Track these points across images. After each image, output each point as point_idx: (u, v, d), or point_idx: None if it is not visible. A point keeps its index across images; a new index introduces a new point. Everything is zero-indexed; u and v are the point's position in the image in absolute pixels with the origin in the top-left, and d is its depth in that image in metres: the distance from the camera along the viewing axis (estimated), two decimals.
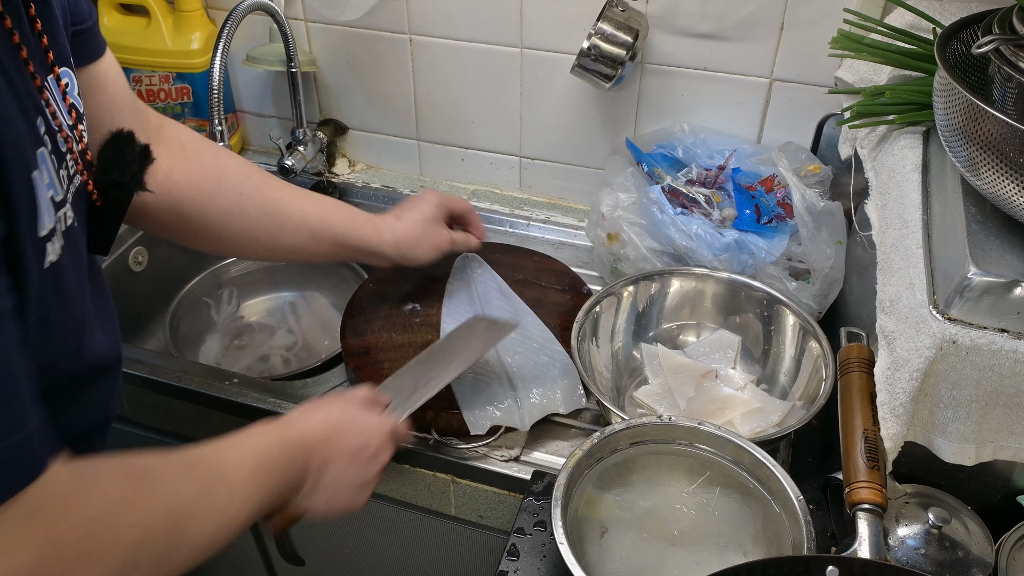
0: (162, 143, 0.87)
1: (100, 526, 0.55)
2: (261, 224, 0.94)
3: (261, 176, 0.96)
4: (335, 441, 0.78)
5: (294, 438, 0.75)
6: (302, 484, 0.76)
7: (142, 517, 0.58)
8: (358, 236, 1.01)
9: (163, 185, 0.85)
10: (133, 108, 0.83)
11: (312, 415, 0.79)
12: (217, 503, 0.65)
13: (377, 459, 0.82)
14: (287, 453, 0.74)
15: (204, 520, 0.64)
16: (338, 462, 0.78)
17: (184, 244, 0.96)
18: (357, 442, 0.79)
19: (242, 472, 0.68)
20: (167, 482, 0.62)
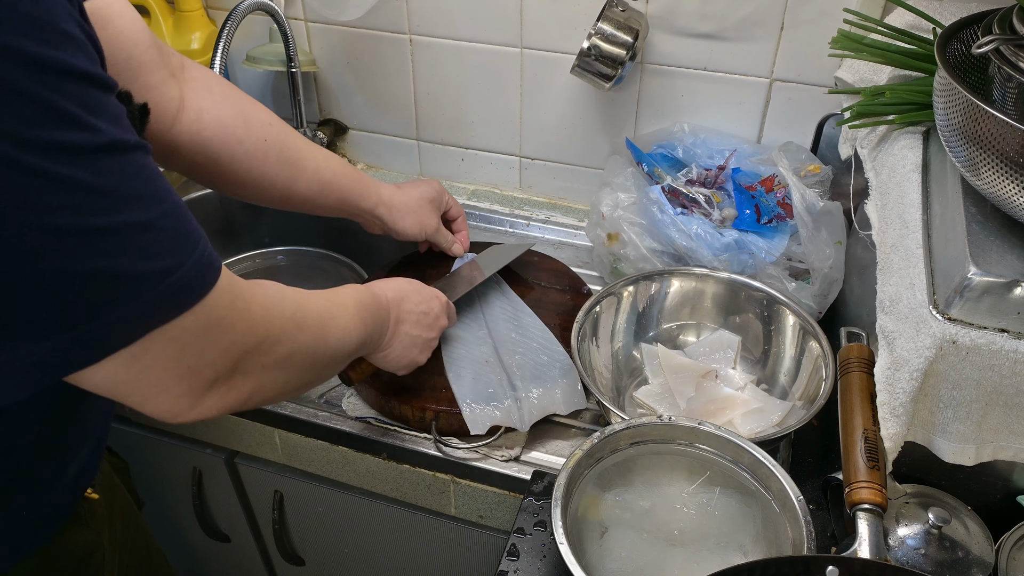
0: (187, 83, 0.89)
1: (271, 312, 0.66)
2: (280, 171, 0.98)
3: (280, 123, 0.99)
4: (405, 303, 0.92)
5: (378, 293, 0.88)
6: (384, 334, 0.88)
7: (298, 311, 0.70)
8: (361, 193, 1.07)
9: (194, 124, 0.89)
10: (151, 43, 0.83)
11: (387, 283, 0.92)
12: (342, 319, 0.77)
13: (437, 322, 0.96)
14: (374, 302, 0.86)
15: (336, 327, 0.76)
16: (408, 320, 0.91)
17: (209, 186, 0.99)
18: (423, 306, 0.94)
19: (350, 304, 0.81)
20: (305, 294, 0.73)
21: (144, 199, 0.53)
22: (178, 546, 1.39)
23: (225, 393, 0.63)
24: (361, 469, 1.05)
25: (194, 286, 0.56)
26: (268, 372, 0.66)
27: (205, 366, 0.60)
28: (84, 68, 0.49)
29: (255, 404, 0.68)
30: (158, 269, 0.53)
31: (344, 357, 0.80)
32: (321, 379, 0.77)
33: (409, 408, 0.98)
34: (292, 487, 1.17)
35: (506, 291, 1.14)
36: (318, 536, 1.24)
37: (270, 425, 1.08)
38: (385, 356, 0.91)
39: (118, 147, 0.51)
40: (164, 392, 0.59)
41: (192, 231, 0.56)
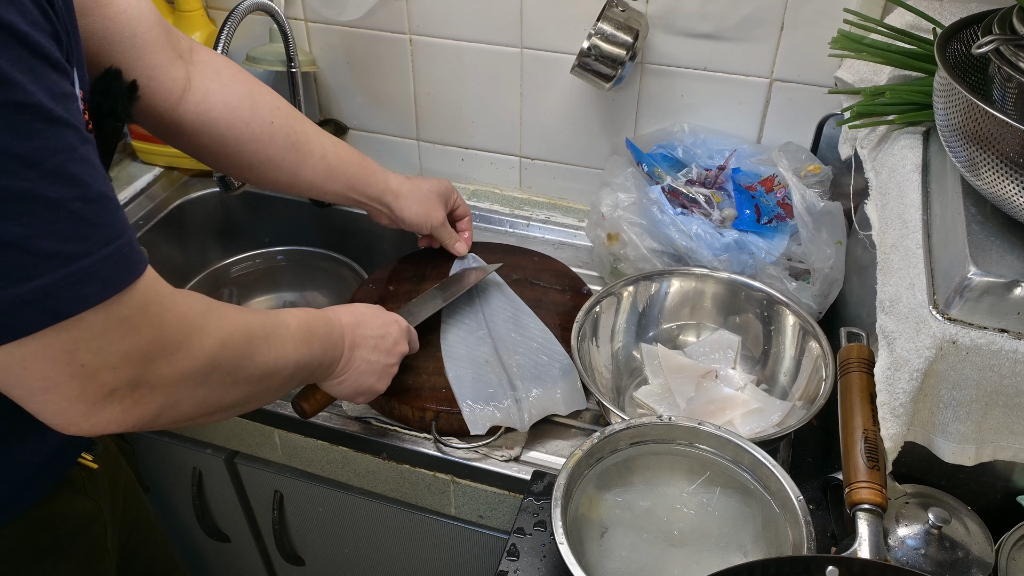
0: (196, 65, 0.90)
1: (192, 324, 0.62)
2: (286, 155, 0.98)
3: (288, 108, 1.00)
4: (362, 328, 0.88)
5: (331, 316, 0.85)
6: (337, 360, 0.85)
7: (222, 325, 0.66)
8: (367, 180, 1.07)
9: (200, 105, 0.90)
10: (156, 22, 0.84)
11: (342, 307, 0.89)
12: (276, 339, 0.73)
13: (396, 348, 0.92)
14: (326, 325, 0.83)
15: (267, 345, 0.71)
16: (365, 345, 0.88)
17: (216, 167, 1.01)
18: (380, 330, 0.90)
19: (293, 324, 0.77)
20: (236, 309, 0.70)
21: (61, 177, 0.50)
22: (178, 546, 1.39)
23: (129, 407, 0.59)
24: (361, 469, 1.05)
25: (100, 280, 0.53)
26: (181, 388, 0.62)
27: (103, 368, 0.55)
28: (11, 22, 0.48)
29: (169, 422, 0.64)
30: (58, 251, 0.51)
31: (281, 381, 0.75)
32: (252, 401, 0.73)
33: (409, 408, 0.98)
34: (292, 487, 1.17)
35: (506, 291, 1.14)
36: (318, 536, 1.24)
37: (270, 425, 1.08)
38: (340, 383, 0.87)
39: (40, 113, 0.49)
40: (52, 391, 0.55)
41: (112, 224, 0.54)
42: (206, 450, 1.18)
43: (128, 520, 0.93)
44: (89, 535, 0.83)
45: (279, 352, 0.73)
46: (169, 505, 1.32)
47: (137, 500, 0.96)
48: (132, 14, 0.80)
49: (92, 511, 0.83)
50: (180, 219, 1.44)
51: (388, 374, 0.92)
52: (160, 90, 0.86)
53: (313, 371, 0.82)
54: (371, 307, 0.92)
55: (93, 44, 0.77)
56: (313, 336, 0.79)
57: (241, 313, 0.70)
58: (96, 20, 0.76)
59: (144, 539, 0.97)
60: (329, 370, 0.85)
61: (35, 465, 0.75)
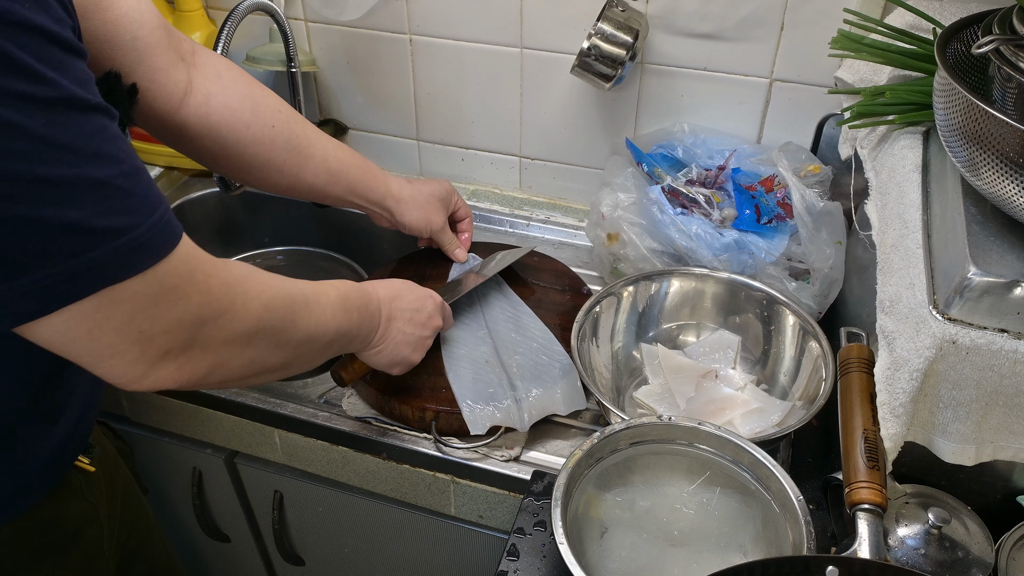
0: (197, 67, 0.90)
1: (234, 289, 0.66)
2: (288, 157, 0.99)
3: (290, 111, 1.00)
4: (398, 301, 0.91)
5: (368, 288, 0.88)
6: (374, 330, 0.88)
7: (264, 290, 0.69)
8: (368, 184, 1.08)
9: (201, 108, 0.90)
10: (158, 25, 0.84)
11: (379, 281, 0.92)
12: (316, 306, 0.76)
13: (431, 321, 0.95)
14: (363, 296, 0.86)
15: (308, 312, 0.75)
16: (401, 318, 0.91)
17: (217, 170, 1.01)
18: (416, 304, 0.93)
19: (332, 293, 0.80)
20: (277, 277, 0.73)
21: (101, 157, 0.54)
22: (178, 546, 1.39)
23: (182, 365, 0.63)
24: (361, 469, 1.05)
25: (149, 249, 0.57)
26: (229, 349, 0.66)
27: (158, 333, 0.60)
28: (41, 23, 0.50)
29: (218, 382, 0.68)
30: (112, 226, 0.54)
31: (321, 346, 0.79)
32: (296, 364, 0.76)
33: (409, 408, 0.98)
34: (292, 487, 1.17)
35: (506, 291, 1.14)
36: (318, 536, 1.24)
37: (270, 425, 1.08)
38: (377, 353, 0.90)
39: (75, 104, 0.53)
40: (116, 356, 0.60)
41: (152, 195, 0.57)
42: (206, 450, 1.18)
43: (127, 522, 0.93)
44: (86, 537, 0.83)
45: (319, 318, 0.76)
46: (169, 505, 1.32)
47: (136, 502, 0.96)
48: (133, 17, 0.80)
49: (89, 513, 0.83)
50: (180, 219, 1.41)
51: (423, 346, 0.95)
52: (161, 93, 0.86)
53: (352, 339, 0.85)
54: (407, 282, 0.95)
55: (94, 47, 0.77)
56: (351, 305, 0.82)
57: (282, 280, 0.73)
58: (97, 23, 0.76)
59: (143, 540, 0.97)
60: (367, 340, 0.88)
61: (32, 469, 0.75)
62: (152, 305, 0.59)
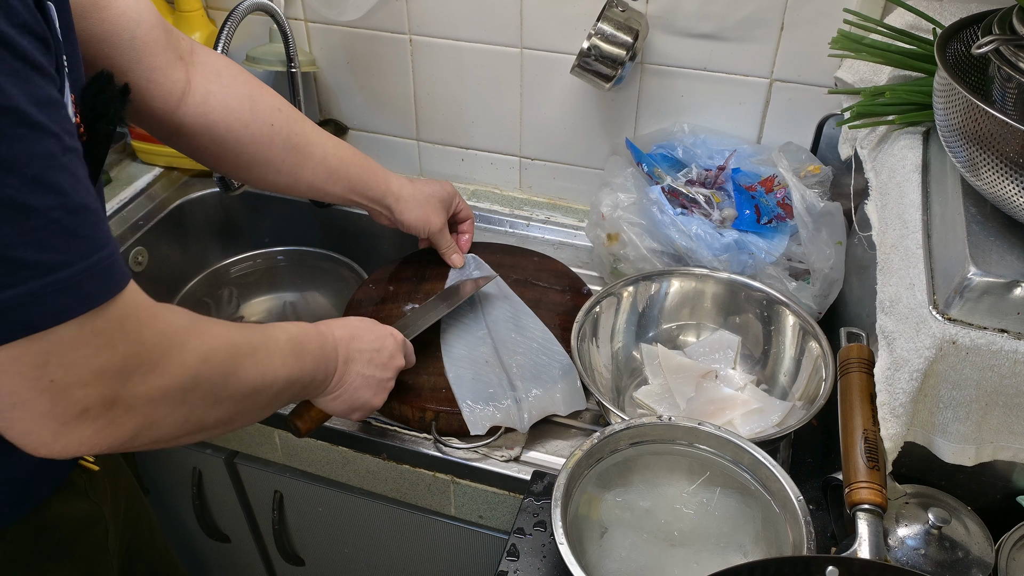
0: (196, 67, 0.90)
1: (172, 340, 0.60)
2: (286, 156, 0.98)
3: (290, 109, 0.99)
4: (356, 341, 0.86)
5: (323, 329, 0.82)
6: (331, 375, 0.82)
7: (204, 341, 0.63)
8: (368, 183, 1.07)
9: (199, 107, 0.90)
10: (156, 24, 0.83)
11: (334, 321, 0.86)
12: (262, 352, 0.70)
13: (392, 362, 0.89)
14: (317, 338, 0.80)
15: (253, 361, 0.69)
16: (359, 359, 0.85)
17: (216, 169, 1.00)
18: (375, 343, 0.88)
19: (282, 338, 0.74)
20: (220, 324, 0.67)
21: (40, 184, 0.49)
22: (178, 546, 1.39)
23: (103, 427, 0.56)
24: (361, 469, 1.05)
25: (78, 294, 0.51)
26: (159, 407, 0.59)
27: (74, 385, 0.53)
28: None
29: (147, 443, 0.61)
30: (36, 261, 0.49)
31: (269, 397, 0.72)
32: (239, 419, 0.70)
33: (409, 408, 0.98)
34: (292, 487, 1.17)
35: (506, 291, 1.14)
36: (318, 536, 1.24)
37: (270, 425, 1.08)
38: (335, 399, 0.85)
39: (22, 119, 0.48)
40: (20, 407, 0.52)
41: (95, 237, 0.52)
42: (206, 450, 1.18)
43: (129, 522, 0.93)
44: (91, 537, 0.83)
45: (266, 367, 0.70)
46: (169, 505, 1.32)
47: (138, 502, 0.96)
48: (131, 16, 0.79)
49: (93, 513, 0.83)
50: (180, 219, 1.44)
51: (384, 388, 0.89)
52: (160, 92, 0.86)
53: (305, 386, 0.79)
54: (365, 320, 0.90)
55: (92, 47, 0.77)
56: (304, 350, 0.77)
57: (226, 328, 0.67)
58: (95, 23, 0.76)
59: (145, 541, 0.97)
60: (323, 385, 0.82)
61: (36, 468, 0.75)
62: (70, 351, 0.52)
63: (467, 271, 1.18)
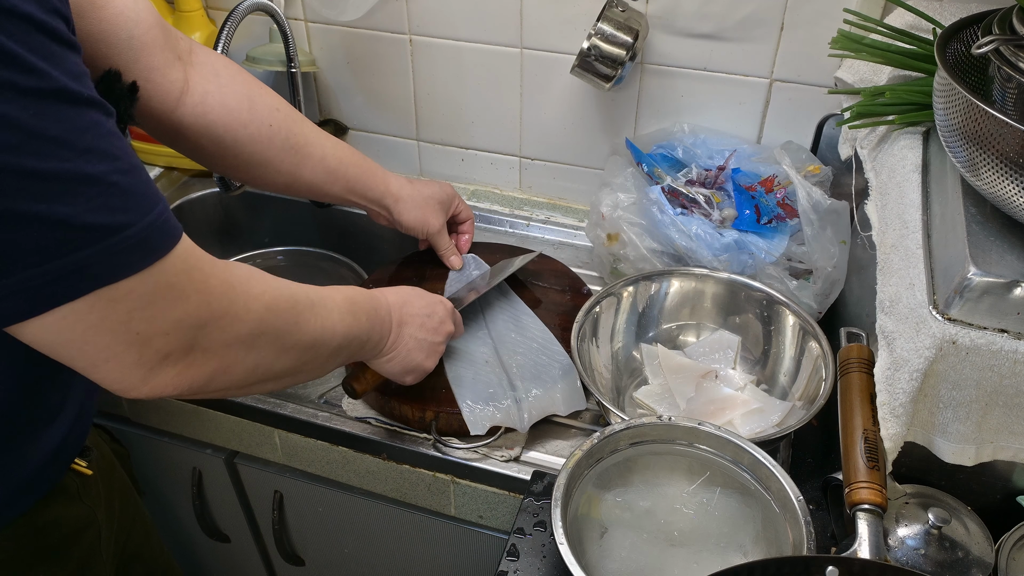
0: (195, 67, 0.90)
1: (235, 290, 0.64)
2: (285, 156, 0.99)
3: (288, 109, 0.99)
4: (408, 306, 0.90)
5: (376, 294, 0.86)
6: (385, 336, 0.86)
7: (266, 291, 0.67)
8: (367, 183, 1.07)
9: (198, 107, 0.90)
10: (155, 23, 0.83)
11: (387, 288, 0.91)
12: (321, 308, 0.74)
13: (442, 327, 0.93)
14: (371, 302, 0.84)
15: (313, 315, 0.72)
16: (412, 323, 0.89)
17: (214, 169, 1.01)
18: (427, 309, 0.92)
19: (338, 298, 0.78)
20: (280, 279, 0.71)
21: (94, 153, 0.52)
22: (178, 546, 1.39)
23: (184, 370, 0.61)
24: (361, 469, 1.05)
25: (145, 248, 0.55)
26: (232, 352, 0.64)
27: (156, 335, 0.58)
28: (29, 12, 0.49)
29: (221, 388, 0.66)
30: (106, 224, 0.52)
31: (329, 351, 0.76)
32: (304, 371, 0.74)
33: (409, 408, 0.98)
34: (292, 487, 1.17)
35: (506, 291, 1.14)
36: (318, 536, 1.24)
37: (270, 425, 1.08)
38: (390, 360, 0.89)
39: (67, 96, 0.51)
40: (112, 359, 0.57)
41: (149, 193, 0.56)
42: (206, 450, 1.18)
43: (124, 525, 0.92)
44: (84, 541, 0.83)
45: (325, 321, 0.74)
46: (169, 505, 1.32)
47: (133, 505, 0.96)
48: (129, 16, 0.79)
49: (87, 517, 0.83)
50: (180, 219, 1.42)
51: (436, 352, 0.93)
52: (158, 92, 0.86)
53: (362, 345, 0.83)
54: (415, 289, 0.94)
55: (90, 46, 0.76)
56: (359, 309, 0.81)
57: (285, 282, 0.71)
58: (92, 22, 0.76)
59: (141, 544, 0.97)
60: (378, 347, 0.86)
61: (28, 472, 0.75)
62: (149, 305, 0.57)
63: (467, 271, 1.18)
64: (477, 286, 1.10)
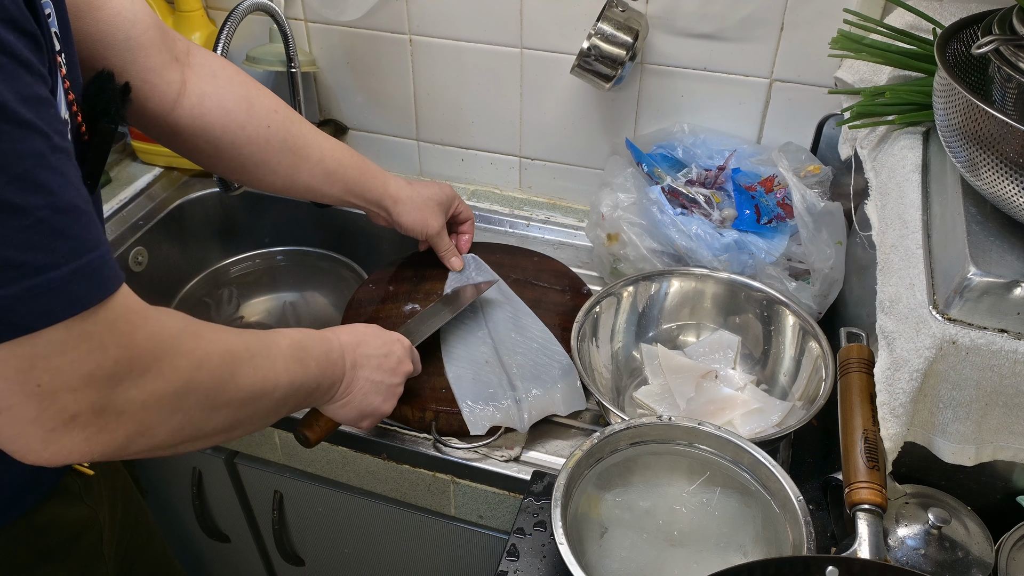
0: (192, 68, 0.89)
1: (165, 344, 0.58)
2: (283, 158, 0.98)
3: (287, 111, 0.99)
4: (363, 347, 0.85)
5: (328, 335, 0.81)
6: (338, 381, 0.81)
7: (198, 345, 0.62)
8: (366, 185, 1.07)
9: (195, 109, 0.89)
10: (152, 24, 0.83)
11: (340, 328, 0.86)
12: (262, 359, 0.69)
13: (400, 367, 0.88)
14: (322, 344, 0.79)
15: (252, 367, 0.67)
16: (367, 365, 0.84)
17: (212, 170, 1.00)
18: (383, 349, 0.87)
19: (283, 343, 0.73)
20: (217, 329, 0.65)
21: (26, 182, 0.47)
22: (178, 546, 1.39)
23: (93, 434, 0.54)
24: (361, 469, 1.05)
25: (67, 295, 0.50)
26: (151, 413, 0.57)
27: (62, 390, 0.51)
28: None
29: (143, 451, 0.59)
30: (25, 262, 0.48)
31: (272, 404, 0.70)
32: (239, 426, 0.68)
33: (409, 408, 0.98)
34: (292, 487, 1.17)
35: (506, 291, 1.14)
36: (318, 536, 1.24)
37: (270, 426, 1.08)
38: (344, 405, 0.84)
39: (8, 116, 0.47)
40: (7, 412, 0.51)
41: (84, 237, 0.51)
42: (206, 450, 1.18)
43: (127, 526, 0.92)
44: (85, 542, 0.82)
45: (267, 373, 0.68)
46: (169, 506, 1.32)
47: (136, 505, 0.96)
48: (126, 17, 0.79)
49: (88, 517, 0.83)
50: (180, 219, 1.44)
51: (393, 394, 0.88)
52: (155, 93, 0.85)
53: (311, 392, 0.77)
54: (371, 327, 0.89)
55: (87, 47, 0.76)
56: (308, 355, 0.75)
57: (223, 332, 0.66)
58: (89, 23, 0.75)
59: (143, 545, 0.97)
60: (330, 392, 0.81)
61: (29, 471, 0.74)
62: (57, 355, 0.50)
63: (467, 272, 1.18)
64: (442, 313, 1.04)
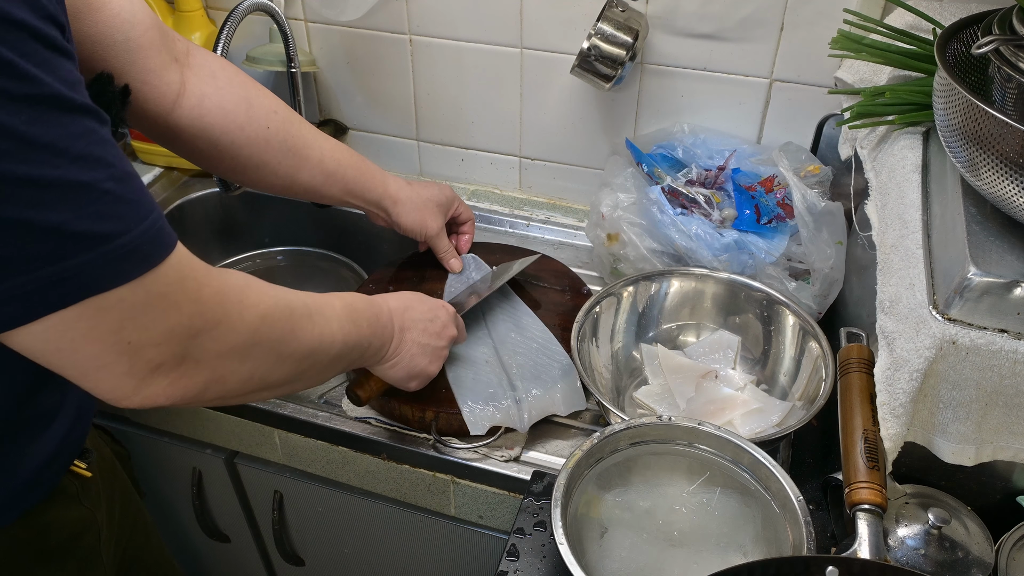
0: (192, 69, 0.89)
1: (229, 299, 0.63)
2: (283, 159, 0.98)
3: (286, 111, 0.99)
4: (411, 311, 0.90)
5: (377, 300, 0.86)
6: (387, 342, 0.86)
7: (262, 300, 0.67)
8: (366, 185, 1.07)
9: (195, 110, 0.89)
10: (151, 25, 0.83)
11: (388, 295, 0.90)
12: (319, 317, 0.74)
13: (445, 331, 0.93)
14: (372, 308, 0.84)
15: (311, 324, 0.72)
16: (414, 328, 0.89)
17: (211, 171, 1.01)
18: (428, 314, 0.92)
19: (337, 305, 0.77)
20: (275, 287, 0.70)
21: (87, 160, 0.52)
22: (178, 547, 1.39)
23: (176, 380, 0.61)
24: (361, 469, 1.05)
25: (138, 256, 0.55)
26: (225, 362, 0.64)
27: (148, 345, 0.58)
28: (23, 18, 0.49)
29: (216, 398, 0.65)
30: (99, 232, 0.52)
31: (328, 359, 0.76)
32: (300, 379, 0.74)
33: (409, 408, 0.98)
34: (292, 487, 1.17)
35: (506, 291, 1.14)
36: (318, 536, 1.24)
37: (270, 425, 1.08)
38: (393, 366, 0.89)
39: (61, 103, 0.51)
40: (103, 368, 0.57)
41: (143, 201, 0.56)
42: (206, 450, 1.18)
43: (125, 527, 0.92)
44: (83, 543, 0.82)
45: (324, 330, 0.74)
46: (169, 506, 1.32)
47: (134, 507, 0.96)
48: (126, 18, 0.79)
49: (86, 519, 0.83)
50: (180, 219, 1.44)
51: (440, 356, 0.93)
52: (154, 95, 0.85)
53: (363, 352, 0.82)
54: (416, 294, 0.93)
55: (86, 48, 0.76)
56: (359, 316, 0.80)
57: (282, 290, 0.71)
58: (89, 24, 0.75)
59: (141, 545, 0.97)
60: (380, 352, 0.86)
61: (25, 474, 0.74)
62: (141, 315, 0.56)
63: (467, 272, 1.18)
64: (478, 289, 1.09)
